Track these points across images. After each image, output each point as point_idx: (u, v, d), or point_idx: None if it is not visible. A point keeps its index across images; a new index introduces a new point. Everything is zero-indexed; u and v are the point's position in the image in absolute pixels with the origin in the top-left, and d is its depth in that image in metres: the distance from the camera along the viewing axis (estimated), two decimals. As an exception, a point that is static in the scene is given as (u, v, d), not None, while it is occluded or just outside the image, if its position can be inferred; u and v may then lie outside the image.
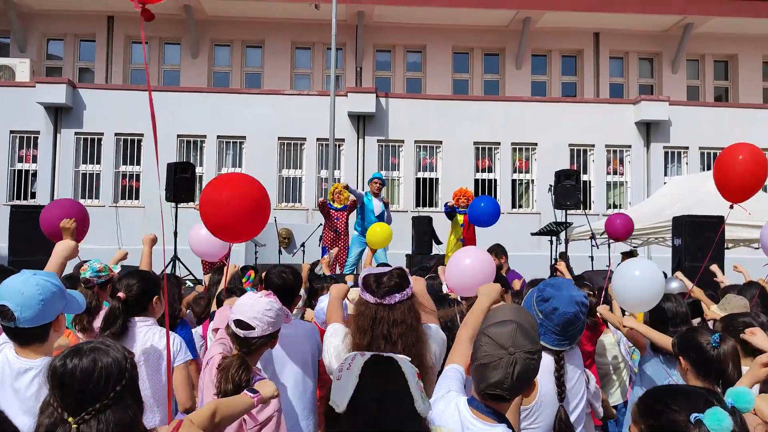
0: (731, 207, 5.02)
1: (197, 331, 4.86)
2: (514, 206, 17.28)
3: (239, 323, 2.50)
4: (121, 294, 3.08)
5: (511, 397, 1.94)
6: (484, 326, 2.07)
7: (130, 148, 16.67)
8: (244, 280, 5.22)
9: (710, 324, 4.30)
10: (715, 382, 2.75)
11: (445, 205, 10.26)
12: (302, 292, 4.64)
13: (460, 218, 9.91)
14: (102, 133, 16.48)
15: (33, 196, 16.39)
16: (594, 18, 18.53)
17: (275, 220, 12.15)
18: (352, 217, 11.07)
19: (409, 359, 1.71)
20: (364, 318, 2.49)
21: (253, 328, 2.50)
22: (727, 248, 11.23)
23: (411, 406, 1.57)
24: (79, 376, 1.79)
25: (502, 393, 1.90)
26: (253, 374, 2.51)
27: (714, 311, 4.46)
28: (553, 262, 11.77)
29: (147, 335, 3.11)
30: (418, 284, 2.78)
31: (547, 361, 2.42)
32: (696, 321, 4.51)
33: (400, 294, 2.48)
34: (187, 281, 11.26)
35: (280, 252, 11.81)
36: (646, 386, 3.58)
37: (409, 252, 11.79)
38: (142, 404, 1.91)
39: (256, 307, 2.49)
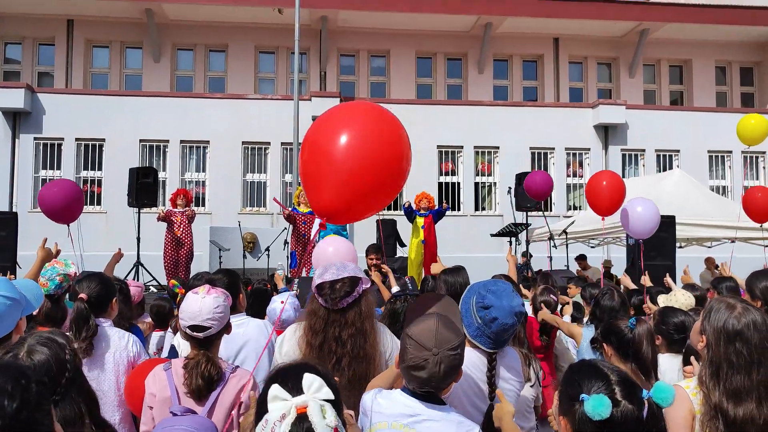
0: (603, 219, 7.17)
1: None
2: (477, 209, 17.55)
3: (195, 328, 2.57)
4: (83, 295, 3.06)
5: (443, 389, 2.10)
6: (407, 326, 2.18)
7: (91, 153, 16.46)
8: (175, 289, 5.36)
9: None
10: (634, 361, 3.02)
11: (403, 205, 10.40)
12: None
13: (421, 220, 10.07)
14: (62, 139, 16.25)
15: (-9, 202, 16.07)
16: (553, 24, 18.94)
17: (239, 225, 12.16)
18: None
19: (332, 400, 1.54)
20: (317, 319, 2.67)
21: (210, 328, 2.58)
22: (680, 247, 11.61)
23: None
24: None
25: (431, 390, 2.07)
26: (219, 366, 2.59)
27: (655, 305, 4.64)
28: (519, 263, 12.03)
29: (109, 335, 3.13)
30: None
31: (473, 357, 2.54)
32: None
33: (350, 297, 2.65)
34: (150, 287, 11.21)
35: (244, 256, 11.82)
36: None
37: (374, 255, 11.88)
38: (92, 395, 1.91)
39: (204, 309, 2.56)
